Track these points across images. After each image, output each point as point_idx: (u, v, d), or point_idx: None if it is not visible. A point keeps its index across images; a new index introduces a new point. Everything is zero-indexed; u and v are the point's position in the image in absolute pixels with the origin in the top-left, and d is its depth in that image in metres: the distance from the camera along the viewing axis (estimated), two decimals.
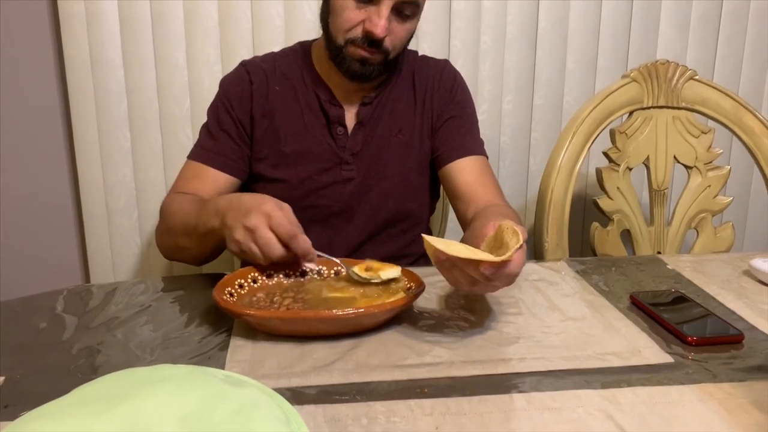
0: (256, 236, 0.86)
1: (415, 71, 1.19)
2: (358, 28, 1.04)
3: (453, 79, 1.20)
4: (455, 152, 1.16)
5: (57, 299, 0.93)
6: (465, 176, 1.14)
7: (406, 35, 1.08)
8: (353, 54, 1.06)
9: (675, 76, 1.33)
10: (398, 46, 1.08)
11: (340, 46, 1.06)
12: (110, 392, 0.54)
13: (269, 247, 0.86)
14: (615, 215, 1.32)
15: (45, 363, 0.76)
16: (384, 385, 0.70)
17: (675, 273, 1.03)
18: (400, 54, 1.11)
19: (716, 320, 0.84)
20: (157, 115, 1.51)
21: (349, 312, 0.77)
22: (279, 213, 0.86)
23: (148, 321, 0.86)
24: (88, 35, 1.44)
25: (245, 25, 1.48)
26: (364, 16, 1.03)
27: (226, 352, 0.77)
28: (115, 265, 1.57)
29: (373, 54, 1.06)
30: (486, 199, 1.11)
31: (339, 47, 1.07)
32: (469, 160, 1.15)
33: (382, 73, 1.11)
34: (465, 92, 1.22)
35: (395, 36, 1.06)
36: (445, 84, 1.19)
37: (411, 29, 1.09)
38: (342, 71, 1.09)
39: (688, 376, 0.71)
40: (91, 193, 1.53)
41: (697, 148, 1.35)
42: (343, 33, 1.05)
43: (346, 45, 1.06)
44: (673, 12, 1.61)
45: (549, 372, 0.72)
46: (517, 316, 0.86)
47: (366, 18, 1.03)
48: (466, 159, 1.15)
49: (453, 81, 1.20)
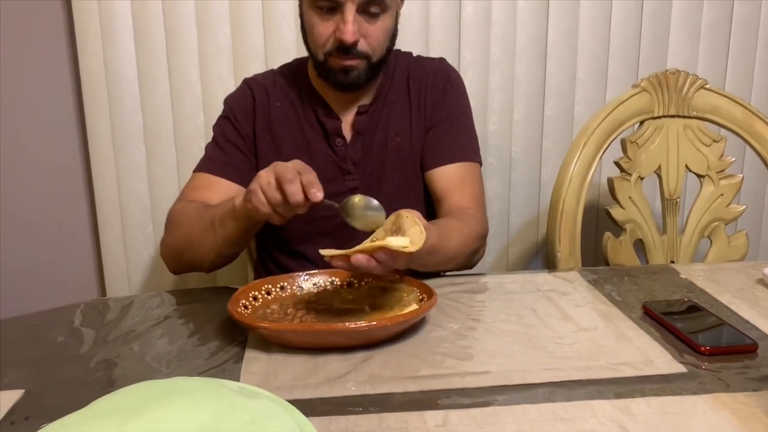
0: (276, 166, 0.89)
1: (409, 73, 1.19)
2: (331, 39, 1.06)
3: (446, 79, 1.20)
4: (438, 158, 1.16)
5: (75, 313, 0.95)
6: (444, 182, 1.15)
7: (382, 35, 1.08)
8: (335, 65, 1.07)
9: (685, 85, 1.33)
10: (377, 47, 1.08)
11: (322, 61, 1.08)
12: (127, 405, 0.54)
13: (286, 171, 0.88)
14: (627, 225, 1.32)
15: (64, 376, 0.77)
16: (397, 396, 0.70)
17: (688, 282, 1.03)
18: (386, 56, 1.11)
19: (730, 330, 0.84)
20: (171, 129, 1.53)
21: (362, 325, 0.78)
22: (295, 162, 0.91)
23: (163, 334, 0.87)
24: (103, 51, 1.47)
25: (257, 41, 1.50)
26: (334, 27, 1.05)
27: (240, 364, 0.78)
28: (131, 278, 1.59)
29: (353, 60, 1.06)
30: (456, 204, 1.12)
31: (321, 62, 1.08)
32: (451, 167, 1.16)
33: (371, 78, 1.11)
34: (457, 93, 1.20)
35: (371, 37, 1.06)
36: (438, 85, 1.19)
37: (386, 27, 1.08)
38: (330, 84, 1.11)
39: (702, 386, 0.71)
40: (106, 207, 1.55)
41: (709, 156, 1.35)
42: (320, 48, 1.07)
43: (326, 58, 1.07)
44: (683, 20, 1.61)
45: (562, 383, 0.72)
46: (530, 327, 0.86)
47: (335, 28, 1.04)
48: (448, 166, 1.16)
49: (446, 81, 1.19)
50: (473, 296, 0.97)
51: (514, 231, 1.69)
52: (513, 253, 1.70)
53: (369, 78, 1.10)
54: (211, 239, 1.02)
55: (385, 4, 1.05)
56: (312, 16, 1.06)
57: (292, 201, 0.88)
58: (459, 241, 1.03)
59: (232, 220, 0.98)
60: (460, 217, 1.08)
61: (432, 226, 0.96)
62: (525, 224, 1.69)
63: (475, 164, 1.18)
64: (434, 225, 0.98)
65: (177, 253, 1.09)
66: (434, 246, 0.94)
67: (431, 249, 0.93)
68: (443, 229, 1.00)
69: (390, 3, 1.06)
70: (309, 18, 1.07)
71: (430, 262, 0.97)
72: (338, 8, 1.03)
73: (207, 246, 1.03)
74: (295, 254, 1.18)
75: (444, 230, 1.00)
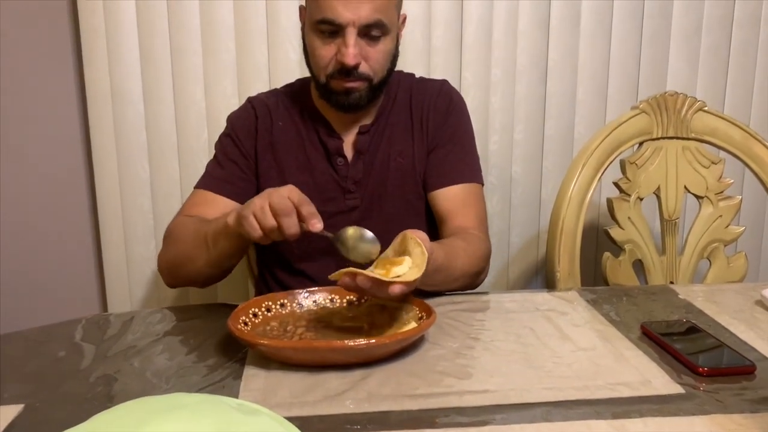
0: (272, 196, 0.90)
1: (412, 94, 1.21)
2: (332, 62, 1.07)
3: (448, 101, 1.21)
4: (441, 179, 1.17)
5: (76, 328, 0.95)
6: (447, 203, 1.16)
7: (383, 57, 1.09)
8: (337, 87, 1.09)
9: (684, 107, 1.34)
10: (378, 69, 1.09)
11: (324, 83, 1.10)
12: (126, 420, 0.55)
13: (283, 203, 0.89)
14: (626, 245, 1.33)
15: (63, 391, 0.77)
16: (395, 414, 0.70)
17: (686, 303, 1.03)
18: (387, 77, 1.13)
19: (728, 351, 0.84)
20: (175, 146, 1.54)
21: (361, 342, 0.78)
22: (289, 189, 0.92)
23: (164, 350, 0.88)
24: (109, 69, 1.49)
25: (261, 60, 1.52)
26: (335, 50, 1.06)
27: (239, 380, 0.78)
28: (132, 293, 1.60)
29: (354, 82, 1.08)
30: (460, 224, 1.13)
31: (323, 84, 1.10)
32: (454, 188, 1.17)
33: (372, 99, 1.12)
34: (459, 115, 1.21)
35: (372, 60, 1.08)
36: (440, 107, 1.20)
37: (387, 50, 1.09)
38: (332, 105, 1.12)
39: (699, 407, 0.71)
40: (109, 223, 1.56)
41: (708, 178, 1.35)
42: (322, 70, 1.09)
43: (328, 81, 1.09)
44: (682, 43, 1.63)
45: (559, 402, 0.72)
46: (528, 346, 0.87)
47: (337, 51, 1.06)
48: (451, 187, 1.17)
49: (448, 103, 1.20)
50: (472, 315, 0.98)
51: (515, 250, 1.69)
52: (513, 272, 1.70)
53: (370, 99, 1.12)
54: (204, 255, 1.03)
55: (386, 27, 1.07)
56: (314, 39, 1.08)
57: (288, 234, 0.90)
58: (464, 261, 1.04)
59: (224, 239, 0.99)
60: (465, 238, 1.09)
61: (438, 245, 0.97)
62: (525, 243, 1.69)
63: (477, 185, 1.19)
64: (440, 244, 0.99)
65: (173, 267, 1.10)
66: (441, 265, 0.95)
67: (438, 268, 0.93)
68: (449, 249, 1.00)
69: (391, 26, 1.08)
70: (311, 41, 1.09)
71: (436, 281, 0.98)
72: (339, 32, 1.05)
73: (201, 262, 1.04)
74: (296, 272, 1.18)
75: (450, 249, 1.01)
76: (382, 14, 1.05)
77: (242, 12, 1.50)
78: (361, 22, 1.03)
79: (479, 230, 1.15)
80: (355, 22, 1.03)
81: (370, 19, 1.04)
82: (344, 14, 1.03)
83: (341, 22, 1.03)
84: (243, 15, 1.50)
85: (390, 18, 1.07)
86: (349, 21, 1.03)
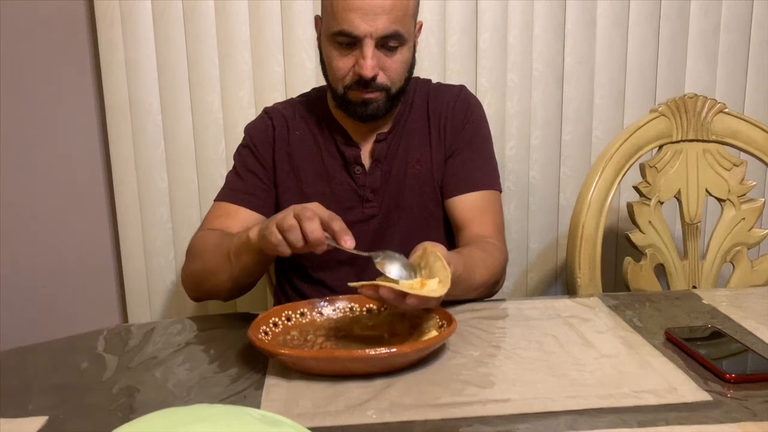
0: (295, 208, 0.88)
1: (429, 100, 1.20)
2: (350, 73, 1.07)
3: (466, 107, 1.20)
4: (459, 186, 1.16)
5: (98, 339, 0.96)
6: (465, 211, 1.15)
7: (400, 67, 1.09)
8: (354, 98, 1.09)
9: (704, 109, 1.32)
10: (396, 79, 1.09)
11: (341, 94, 1.09)
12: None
13: (310, 221, 0.86)
14: (648, 249, 1.31)
15: (86, 403, 0.78)
16: (418, 425, 0.70)
17: (711, 308, 1.01)
18: (405, 86, 1.12)
19: (755, 356, 0.82)
20: (192, 157, 1.56)
21: (382, 351, 0.78)
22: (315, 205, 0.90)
23: (185, 360, 0.88)
24: (127, 81, 1.51)
25: (277, 69, 1.53)
26: (353, 61, 1.06)
27: (261, 390, 0.78)
28: (152, 304, 1.61)
29: (372, 93, 1.07)
30: (477, 232, 1.12)
31: (340, 95, 1.10)
32: (471, 195, 1.16)
33: (390, 109, 1.12)
34: (477, 122, 1.21)
35: (390, 70, 1.07)
36: (458, 113, 1.19)
37: (404, 59, 1.09)
38: (350, 115, 1.12)
39: (727, 414, 0.70)
40: (129, 234, 1.57)
41: (729, 180, 1.34)
42: (340, 81, 1.08)
43: (346, 92, 1.08)
44: (700, 44, 1.61)
45: (584, 411, 0.71)
46: (550, 354, 0.86)
47: (354, 62, 1.06)
48: (469, 194, 1.16)
49: (466, 109, 1.20)
50: (493, 322, 0.97)
51: (533, 256, 1.68)
52: (532, 278, 1.69)
53: (388, 109, 1.12)
54: (227, 270, 1.02)
55: (403, 38, 1.06)
56: (331, 50, 1.07)
57: (311, 239, 0.87)
58: (483, 272, 1.03)
59: (246, 254, 0.98)
60: (483, 247, 1.08)
61: (457, 255, 0.96)
62: (544, 249, 1.68)
63: (495, 192, 1.19)
64: (459, 255, 0.98)
65: (196, 282, 1.10)
66: (460, 276, 0.94)
67: (457, 279, 0.92)
68: (468, 259, 1.00)
69: (408, 36, 1.07)
70: (328, 52, 1.09)
71: (454, 292, 0.96)
72: (357, 43, 1.04)
73: (224, 276, 1.04)
74: (314, 281, 1.18)
75: (469, 260, 1.00)
76: (399, 25, 1.04)
77: (258, 23, 1.50)
78: (379, 33, 1.03)
79: (497, 238, 1.14)
80: (373, 34, 1.03)
81: (388, 31, 1.03)
82: (361, 26, 1.02)
83: (358, 34, 1.03)
84: (259, 26, 1.51)
85: (407, 28, 1.07)
86: (366, 33, 1.03)
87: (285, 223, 0.87)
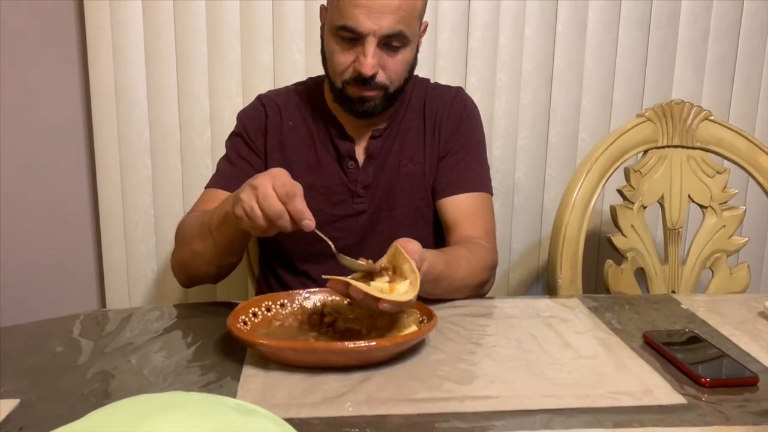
0: (258, 192, 0.86)
1: (426, 100, 1.20)
2: (350, 69, 1.06)
3: (462, 109, 1.20)
4: (450, 187, 1.16)
5: (74, 323, 0.95)
6: (455, 212, 1.15)
7: (401, 67, 1.08)
8: (352, 93, 1.08)
9: (690, 116, 1.33)
10: (396, 79, 1.08)
11: (339, 89, 1.09)
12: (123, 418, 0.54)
13: (267, 201, 0.85)
14: (629, 253, 1.32)
15: (60, 386, 0.77)
16: (394, 419, 0.70)
17: (689, 313, 1.02)
18: (404, 86, 1.12)
19: (730, 362, 0.83)
20: (178, 145, 1.54)
21: (361, 345, 0.77)
22: (283, 175, 0.87)
23: (162, 347, 0.87)
24: (114, 68, 1.49)
25: (266, 59, 1.51)
26: (354, 57, 1.05)
27: (238, 380, 0.77)
28: (131, 291, 1.59)
29: (371, 91, 1.07)
30: (467, 234, 1.12)
31: (338, 90, 1.09)
32: (463, 197, 1.16)
33: (387, 107, 1.12)
34: (473, 123, 1.21)
35: (390, 70, 1.07)
36: (454, 115, 1.19)
37: (405, 60, 1.08)
38: (346, 110, 1.11)
39: (701, 418, 0.71)
40: (110, 220, 1.56)
41: (712, 187, 1.35)
42: (339, 76, 1.07)
43: (344, 86, 1.08)
44: (689, 52, 1.63)
45: (560, 410, 0.72)
46: (529, 353, 0.86)
47: (355, 58, 1.05)
48: (460, 196, 1.16)
49: (462, 111, 1.20)
50: (474, 320, 0.97)
51: (516, 256, 1.69)
52: (514, 278, 1.70)
53: (385, 108, 1.11)
54: (211, 247, 1.00)
55: (406, 38, 1.05)
56: (333, 43, 1.06)
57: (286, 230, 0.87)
58: (467, 270, 1.02)
59: (228, 231, 0.96)
60: (469, 247, 1.08)
61: (439, 254, 0.96)
62: (526, 249, 1.69)
63: (486, 195, 1.18)
64: (442, 253, 0.98)
65: (183, 266, 1.09)
66: (440, 274, 0.93)
67: (437, 277, 0.92)
68: (451, 258, 0.99)
69: (411, 37, 1.06)
70: (330, 45, 1.07)
71: (436, 290, 0.97)
72: (359, 40, 1.03)
73: (207, 254, 1.02)
74: (299, 273, 1.18)
75: (452, 259, 0.99)
76: (404, 25, 1.03)
77: (248, 12, 1.49)
78: (382, 32, 1.02)
79: (486, 240, 1.13)
80: (376, 32, 1.02)
81: (392, 30, 1.02)
82: (366, 24, 1.01)
83: (362, 31, 1.02)
84: (249, 15, 1.49)
85: (411, 29, 1.06)
86: (370, 31, 1.01)
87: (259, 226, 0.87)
